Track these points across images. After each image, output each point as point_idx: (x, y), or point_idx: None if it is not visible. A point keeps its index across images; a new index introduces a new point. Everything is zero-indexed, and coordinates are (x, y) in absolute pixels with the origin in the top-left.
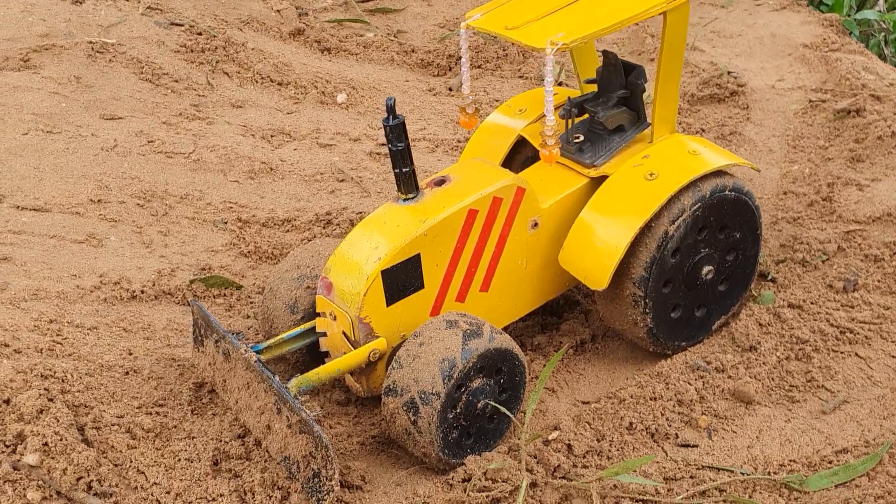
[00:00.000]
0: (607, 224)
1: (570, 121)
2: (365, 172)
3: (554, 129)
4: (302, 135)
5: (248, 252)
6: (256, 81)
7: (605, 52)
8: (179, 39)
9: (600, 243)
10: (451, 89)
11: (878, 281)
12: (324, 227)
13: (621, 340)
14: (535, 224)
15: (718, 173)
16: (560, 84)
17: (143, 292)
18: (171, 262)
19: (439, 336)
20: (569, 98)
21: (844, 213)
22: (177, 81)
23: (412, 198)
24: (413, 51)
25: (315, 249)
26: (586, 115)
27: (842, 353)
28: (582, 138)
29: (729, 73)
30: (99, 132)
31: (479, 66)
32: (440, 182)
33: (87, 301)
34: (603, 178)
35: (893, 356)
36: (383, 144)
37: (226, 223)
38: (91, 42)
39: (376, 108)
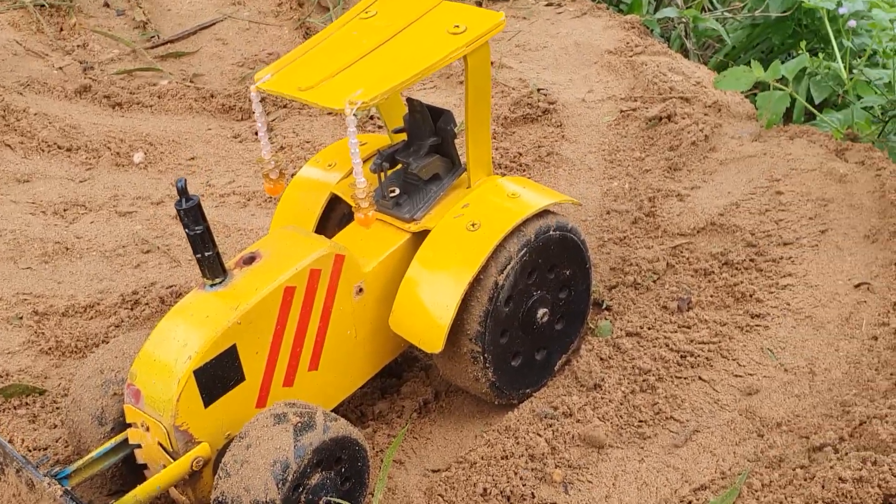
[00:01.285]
0: (435, 282)
1: (382, 174)
2: (172, 239)
3: (366, 192)
4: (98, 204)
5: (50, 349)
6: (43, 150)
7: (409, 100)
8: None
9: (430, 303)
10: (257, 133)
11: (711, 296)
12: (131, 309)
13: (465, 394)
14: (360, 290)
15: (541, 213)
16: (371, 118)
17: None
18: None
19: (267, 435)
20: (378, 150)
21: (669, 227)
22: None
23: (220, 282)
24: (212, 96)
25: (119, 349)
26: (399, 166)
27: (685, 378)
28: (398, 191)
29: (539, 90)
30: None
31: (284, 106)
32: (249, 260)
33: None
34: (425, 232)
35: (737, 375)
36: None
37: (21, 318)
38: None
39: (178, 163)
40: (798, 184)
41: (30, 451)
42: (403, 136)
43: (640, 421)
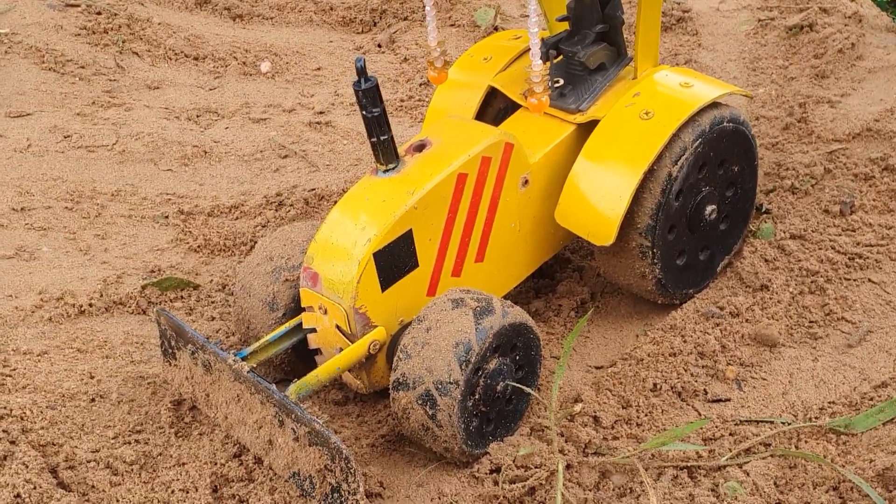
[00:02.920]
0: (606, 173)
1: (546, 64)
2: (308, 145)
3: (542, 75)
4: (231, 111)
5: (198, 246)
6: (170, 58)
7: None
8: (78, 21)
9: (601, 195)
10: (380, 46)
11: (874, 200)
12: (276, 210)
13: (621, 295)
14: (526, 181)
15: (714, 104)
16: (496, 29)
17: (91, 305)
18: (115, 267)
19: (447, 318)
20: (542, 39)
21: (823, 133)
22: (83, 67)
23: (393, 168)
24: (332, 8)
25: (286, 237)
26: (560, 57)
27: (855, 280)
28: (562, 82)
29: None
30: (8, 132)
31: (405, 18)
32: (420, 147)
33: (31, 323)
34: (592, 124)
35: None
36: (321, 113)
37: (167, 217)
38: None
39: (305, 74)
40: None
41: None
42: (566, 26)
43: (811, 321)
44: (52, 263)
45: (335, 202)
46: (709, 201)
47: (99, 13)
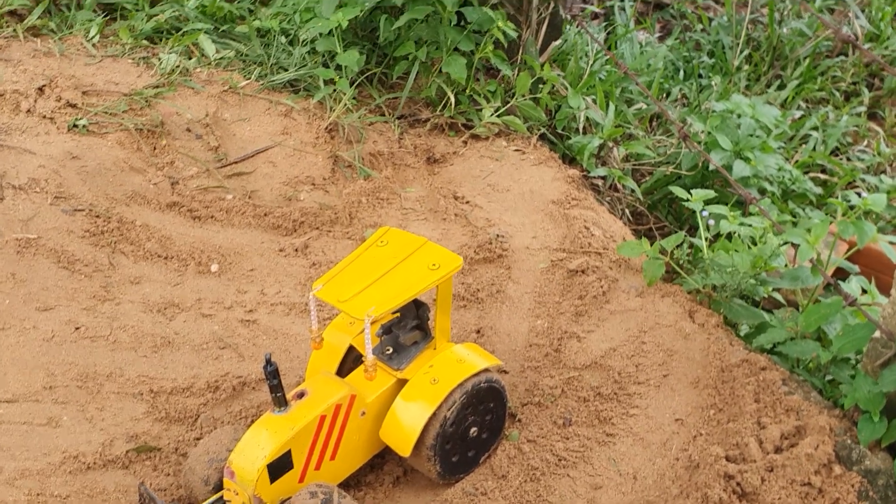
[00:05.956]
0: (409, 413)
1: (382, 337)
2: (239, 339)
3: (372, 363)
4: (188, 306)
5: (161, 418)
6: (147, 258)
7: None
8: (83, 225)
9: (404, 426)
10: (297, 250)
11: (585, 417)
12: (213, 392)
13: (422, 475)
14: (363, 413)
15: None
16: None
17: (94, 463)
18: (109, 433)
19: None
20: (381, 324)
21: (567, 362)
22: (87, 265)
23: (283, 410)
24: (266, 215)
25: (218, 439)
26: (392, 333)
27: (558, 475)
28: (391, 350)
29: (498, 236)
30: (38, 324)
31: (317, 228)
32: (300, 395)
33: (59, 474)
34: (405, 380)
35: (590, 475)
36: (250, 311)
37: (142, 394)
38: (17, 238)
39: (242, 273)
40: (657, 336)
41: (156, 490)
42: (398, 315)
43: (527, 501)
44: (69, 430)
45: (253, 388)
46: (472, 425)
47: (98, 216)
